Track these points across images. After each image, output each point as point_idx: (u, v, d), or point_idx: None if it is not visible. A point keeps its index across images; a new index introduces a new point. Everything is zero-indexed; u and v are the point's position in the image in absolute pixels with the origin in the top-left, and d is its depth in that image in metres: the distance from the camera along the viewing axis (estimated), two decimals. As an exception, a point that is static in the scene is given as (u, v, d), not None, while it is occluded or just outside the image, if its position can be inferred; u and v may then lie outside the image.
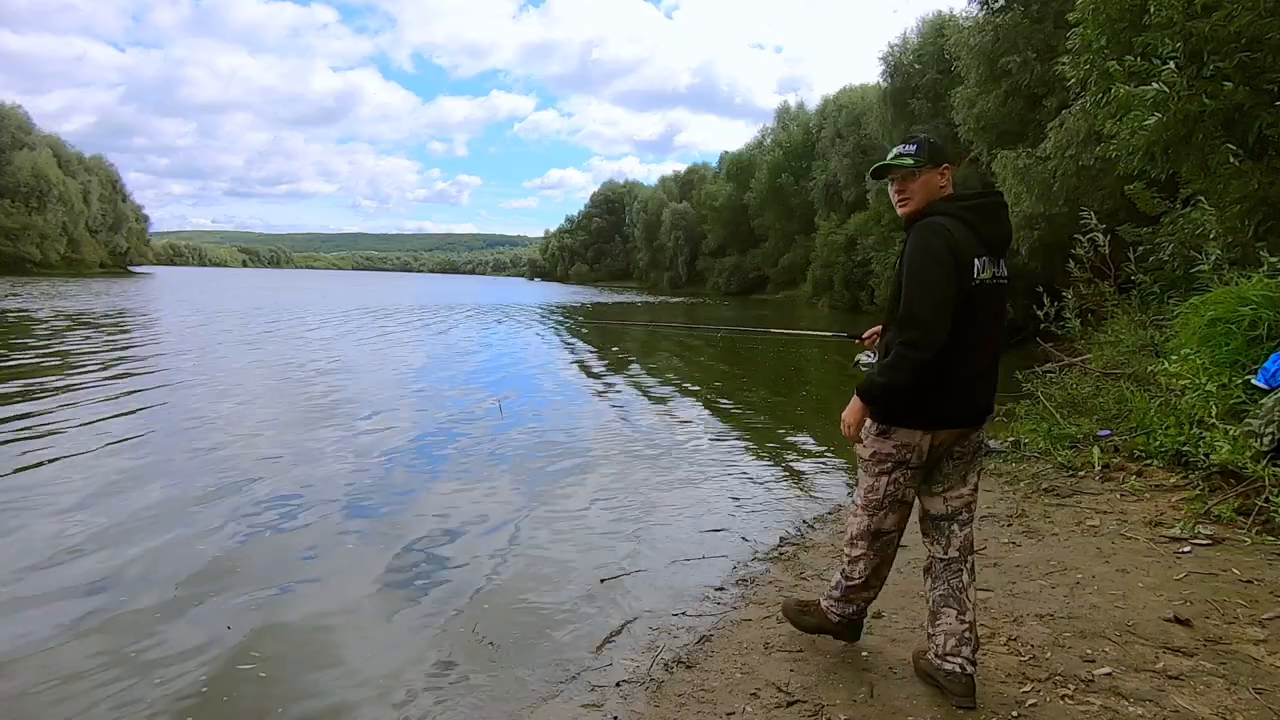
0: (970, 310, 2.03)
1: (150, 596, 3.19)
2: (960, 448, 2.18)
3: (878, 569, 2.31)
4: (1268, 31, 5.85)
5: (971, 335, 2.06)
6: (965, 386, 2.10)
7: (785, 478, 5.30)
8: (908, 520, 2.27)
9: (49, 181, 54.49)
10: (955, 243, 2.01)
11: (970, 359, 2.09)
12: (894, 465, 2.16)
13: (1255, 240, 5.94)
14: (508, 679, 2.58)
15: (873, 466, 2.20)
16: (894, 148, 2.23)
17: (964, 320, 2.02)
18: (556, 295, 46.75)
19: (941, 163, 2.16)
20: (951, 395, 2.09)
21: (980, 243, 2.07)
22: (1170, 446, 4.32)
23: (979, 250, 2.05)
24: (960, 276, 2.00)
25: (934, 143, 2.20)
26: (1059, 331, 7.46)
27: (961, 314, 2.01)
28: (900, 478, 2.16)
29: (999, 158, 13.14)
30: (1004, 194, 2.35)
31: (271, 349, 12.66)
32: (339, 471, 5.18)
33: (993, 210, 2.15)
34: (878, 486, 2.20)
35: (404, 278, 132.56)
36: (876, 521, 2.24)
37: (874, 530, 2.25)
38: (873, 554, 2.28)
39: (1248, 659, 2.32)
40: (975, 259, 2.04)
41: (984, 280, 2.05)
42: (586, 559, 3.71)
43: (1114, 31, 7.04)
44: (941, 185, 2.16)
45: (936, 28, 24.44)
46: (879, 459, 2.18)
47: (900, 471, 2.16)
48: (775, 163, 45.74)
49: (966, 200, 2.14)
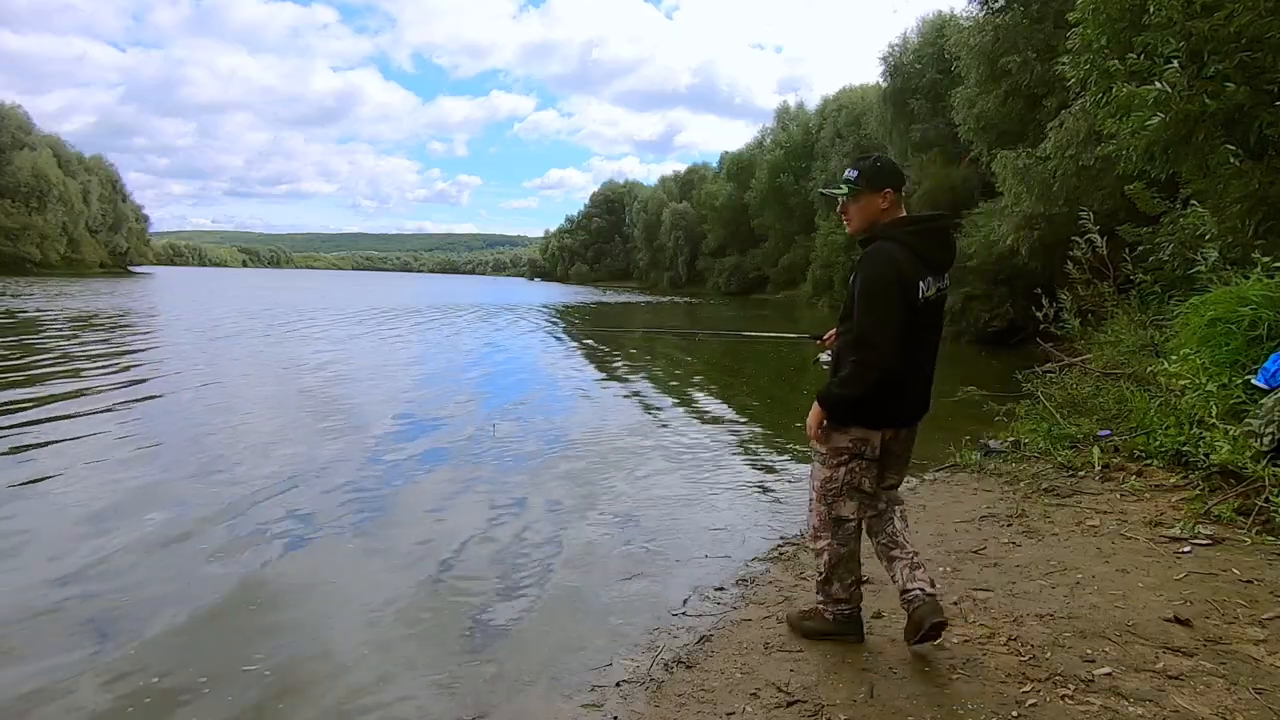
0: (916, 327, 2.27)
1: (155, 593, 3.19)
2: (905, 438, 2.45)
3: (844, 560, 2.45)
4: (1268, 31, 5.85)
5: (916, 347, 2.30)
6: (911, 390, 2.36)
7: (785, 478, 5.30)
8: (865, 512, 2.45)
9: (49, 182, 54.47)
10: (903, 271, 2.21)
11: (917, 367, 2.34)
12: (850, 457, 2.36)
13: (1255, 240, 5.94)
14: (508, 678, 2.58)
15: (831, 459, 2.39)
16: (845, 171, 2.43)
17: (910, 335, 2.25)
18: (558, 295, 46.75)
19: (882, 187, 2.31)
20: (899, 399, 2.33)
21: (925, 265, 2.27)
22: (1170, 446, 4.31)
23: (924, 273, 2.26)
24: (908, 298, 2.22)
25: (879, 167, 2.35)
26: (1059, 331, 7.46)
27: (908, 331, 2.24)
28: (856, 468, 2.37)
29: (999, 158, 13.13)
30: (948, 215, 2.58)
31: (287, 349, 12.67)
32: (340, 471, 5.18)
33: (939, 234, 2.38)
34: (836, 477, 2.39)
35: (404, 278, 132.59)
36: (836, 509, 2.41)
37: (834, 517, 2.42)
38: (836, 544, 2.44)
39: (1248, 659, 2.32)
40: (920, 281, 2.25)
41: (928, 298, 2.28)
42: (586, 559, 3.71)
43: (1114, 31, 7.03)
44: (884, 208, 2.33)
45: (936, 28, 24.41)
46: (836, 452, 2.38)
47: (856, 462, 2.36)
48: (775, 162, 45.70)
49: (915, 225, 2.33)
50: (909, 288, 2.22)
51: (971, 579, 3.08)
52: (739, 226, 51.95)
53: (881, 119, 27.18)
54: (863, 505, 2.43)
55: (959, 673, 2.32)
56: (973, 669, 2.34)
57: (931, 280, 2.28)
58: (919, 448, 2.61)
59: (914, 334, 2.26)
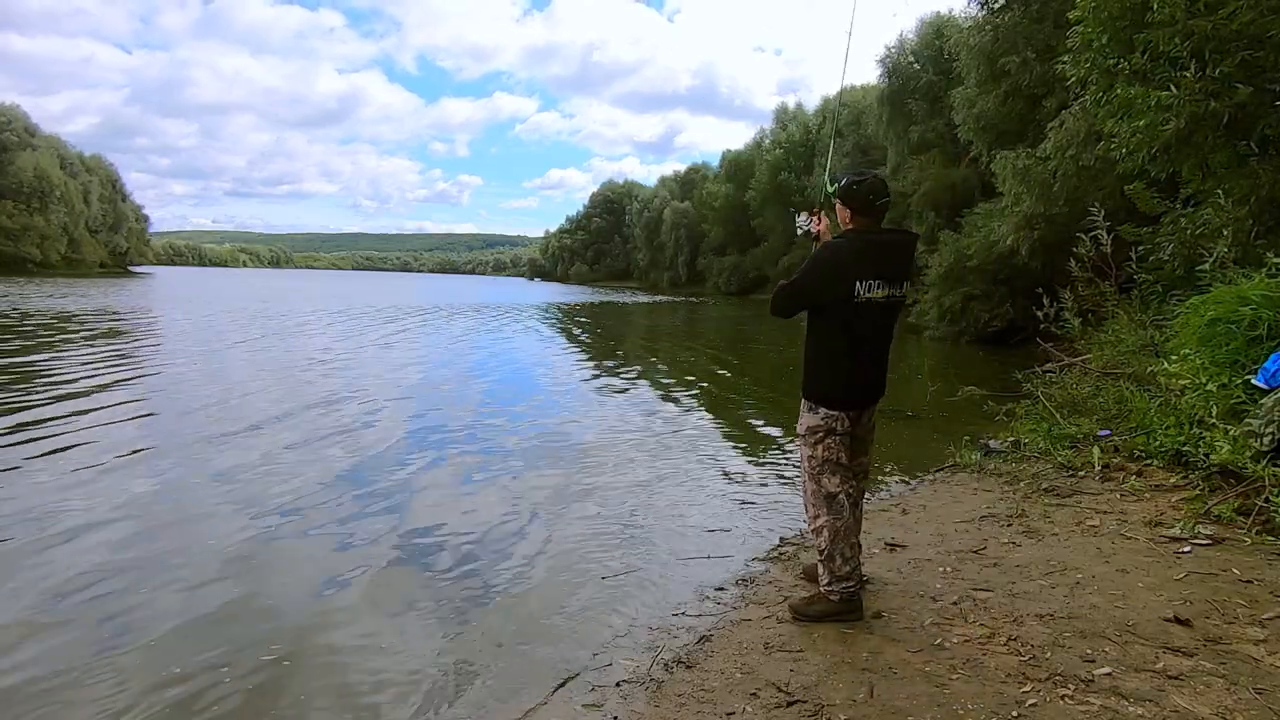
0: (854, 321, 2.61)
1: (163, 598, 3.20)
2: (866, 422, 2.79)
3: (841, 533, 2.68)
4: (1269, 30, 5.84)
5: (858, 341, 2.64)
6: (858, 374, 2.69)
7: (785, 478, 5.30)
8: (852, 485, 2.74)
9: (50, 182, 54.50)
10: (843, 263, 2.58)
11: (859, 352, 2.66)
12: (824, 433, 2.69)
13: (1257, 240, 5.94)
14: (508, 678, 2.58)
15: (809, 438, 2.72)
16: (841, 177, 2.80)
17: (851, 325, 2.62)
18: (559, 295, 46.75)
19: (846, 204, 2.68)
20: (848, 382, 2.69)
21: (872, 268, 2.57)
22: (1170, 446, 4.31)
23: (869, 274, 2.57)
24: (839, 287, 2.57)
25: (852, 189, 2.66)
26: (1059, 331, 7.46)
27: (854, 320, 2.61)
28: (831, 443, 2.68)
29: (999, 158, 13.14)
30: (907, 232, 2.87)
31: (296, 345, 12.67)
32: (342, 470, 5.19)
33: (890, 247, 2.66)
34: (816, 454, 2.71)
35: (405, 278, 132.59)
36: (824, 484, 2.69)
37: (825, 494, 2.69)
38: (832, 518, 2.67)
39: (1248, 659, 2.32)
40: (859, 280, 2.56)
41: (871, 299, 2.59)
42: (586, 558, 3.71)
43: (1115, 30, 7.03)
44: (844, 219, 2.72)
45: (935, 28, 24.39)
46: (812, 430, 2.71)
47: (831, 438, 2.68)
48: (776, 162, 45.73)
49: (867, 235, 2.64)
50: (844, 279, 2.56)
51: (971, 579, 3.08)
52: (739, 226, 51.97)
53: (879, 120, 27.16)
54: (844, 479, 2.71)
55: (959, 673, 2.32)
56: (973, 669, 2.34)
57: (876, 284, 2.57)
58: (920, 448, 2.64)
59: (852, 328, 2.62)
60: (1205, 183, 6.80)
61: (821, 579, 2.75)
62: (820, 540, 2.71)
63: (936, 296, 16.11)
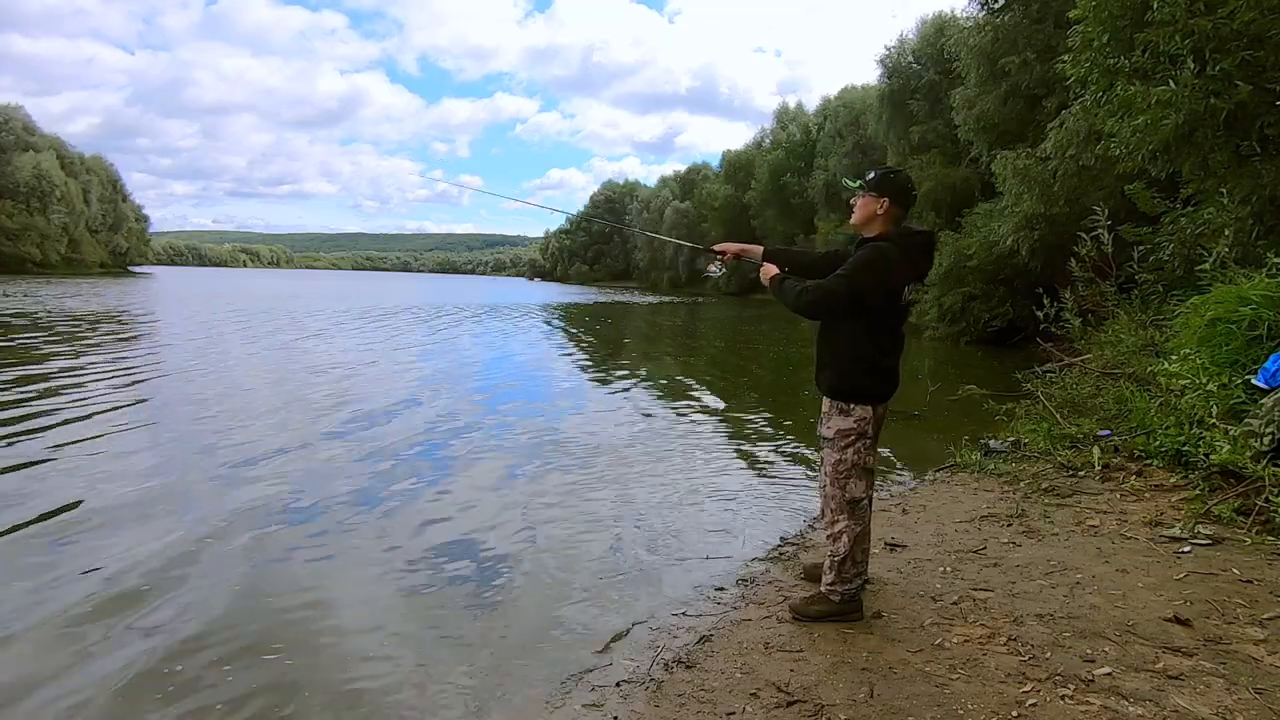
0: (898, 320, 2.68)
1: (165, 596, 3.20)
2: (881, 416, 2.77)
3: (859, 538, 2.69)
4: (1269, 29, 5.84)
5: (896, 337, 2.70)
6: (893, 372, 2.71)
7: (785, 478, 5.30)
8: (870, 490, 2.72)
9: (51, 182, 54.50)
10: (895, 271, 2.58)
11: (895, 352, 2.70)
12: (856, 436, 2.65)
13: (1258, 240, 5.94)
14: (508, 678, 2.58)
15: (838, 442, 2.66)
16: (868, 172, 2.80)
17: (894, 328, 2.68)
18: (559, 295, 46.74)
19: (882, 194, 2.63)
20: (887, 379, 2.69)
21: (913, 272, 2.64)
22: (1170, 446, 4.31)
23: (910, 278, 2.63)
24: (891, 294, 2.59)
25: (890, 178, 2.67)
26: (1059, 331, 7.46)
27: (894, 322, 2.67)
28: (861, 447, 2.65)
29: (999, 158, 13.15)
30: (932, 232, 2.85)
31: (308, 347, 12.68)
32: (344, 470, 5.19)
33: (928, 248, 2.70)
34: (845, 458, 2.65)
35: (405, 277, 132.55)
36: (849, 490, 2.66)
37: (849, 500, 2.67)
38: (853, 524, 2.68)
39: (1248, 659, 2.32)
40: (906, 285, 2.62)
41: (909, 300, 2.68)
42: (587, 559, 3.70)
43: (1115, 29, 7.03)
44: (879, 212, 2.65)
45: (935, 28, 24.39)
46: (843, 434, 2.65)
47: (861, 441, 2.65)
48: (777, 162, 45.76)
49: (915, 237, 2.65)
50: (895, 289, 2.59)
51: (971, 579, 3.08)
52: (739, 226, 51.99)
53: (880, 119, 27.16)
54: (869, 484, 2.69)
55: (959, 673, 2.32)
56: (973, 669, 2.34)
57: (913, 286, 2.65)
58: (920, 448, 2.65)
59: (891, 328, 2.66)
60: (1206, 182, 6.80)
61: (826, 578, 2.75)
62: (838, 546, 2.69)
63: (937, 296, 16.12)
